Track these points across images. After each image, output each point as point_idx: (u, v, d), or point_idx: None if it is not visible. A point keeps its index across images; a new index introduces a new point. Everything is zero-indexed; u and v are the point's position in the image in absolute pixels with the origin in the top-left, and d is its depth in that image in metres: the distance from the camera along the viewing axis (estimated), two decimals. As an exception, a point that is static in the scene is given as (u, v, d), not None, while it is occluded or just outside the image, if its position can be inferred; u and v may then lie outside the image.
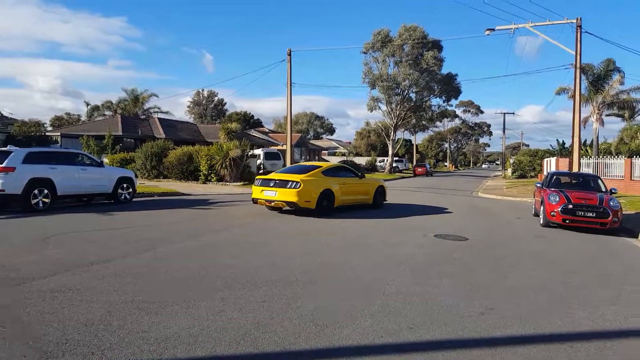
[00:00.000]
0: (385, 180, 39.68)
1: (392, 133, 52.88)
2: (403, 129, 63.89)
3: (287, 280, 6.16)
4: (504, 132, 70.59)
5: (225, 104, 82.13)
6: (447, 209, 16.76)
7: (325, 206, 12.83)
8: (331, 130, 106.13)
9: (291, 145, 27.06)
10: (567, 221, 12.04)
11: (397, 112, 50.97)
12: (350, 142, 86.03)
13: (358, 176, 14.78)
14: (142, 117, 44.33)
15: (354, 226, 11.34)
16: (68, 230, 9.54)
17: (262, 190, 12.66)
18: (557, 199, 12.34)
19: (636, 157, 25.10)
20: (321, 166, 13.95)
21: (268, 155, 33.41)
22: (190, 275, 6.25)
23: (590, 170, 26.53)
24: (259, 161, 30.87)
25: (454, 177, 55.28)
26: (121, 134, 34.49)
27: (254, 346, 4.09)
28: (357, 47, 51.54)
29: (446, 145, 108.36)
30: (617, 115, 36.01)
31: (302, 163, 15.62)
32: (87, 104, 53.08)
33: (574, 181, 14.72)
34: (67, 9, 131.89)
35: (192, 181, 24.81)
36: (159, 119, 41.90)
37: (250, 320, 4.67)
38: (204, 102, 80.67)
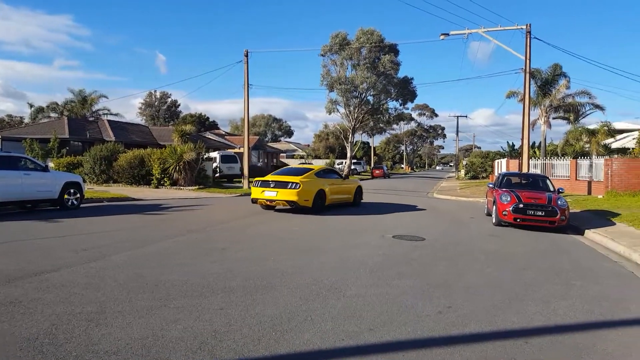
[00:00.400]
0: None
1: (350, 136, 53.36)
2: (361, 132, 64.67)
3: (245, 286, 6.05)
4: (457, 134, 72.50)
5: (179, 105, 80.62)
6: (416, 206, 17.02)
7: (320, 205, 14.32)
8: (289, 133, 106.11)
9: (249, 148, 26.79)
10: (518, 220, 12.48)
11: (355, 115, 51.48)
12: (308, 145, 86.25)
13: (342, 177, 16.18)
14: (91, 119, 42.71)
15: (320, 224, 11.33)
16: (9, 239, 9.02)
17: (263, 190, 13.99)
18: (509, 199, 12.77)
19: (581, 158, 26.35)
20: (313, 169, 15.21)
21: (225, 158, 32.90)
22: (143, 283, 6.03)
23: (538, 171, 27.67)
24: (215, 164, 30.33)
25: (410, 178, 56.38)
26: (68, 137, 33.11)
27: (212, 355, 3.97)
28: (316, 49, 51.77)
29: (403, 147, 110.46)
30: (563, 118, 37.73)
31: (295, 166, 16.93)
32: (31, 106, 50.57)
33: (523, 181, 15.29)
34: (6, 4, 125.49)
35: (144, 186, 24.10)
36: (109, 121, 40.54)
37: (208, 329, 4.54)
38: (156, 103, 78.77)
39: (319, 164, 58.96)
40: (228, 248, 8.57)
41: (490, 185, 15.59)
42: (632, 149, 27.09)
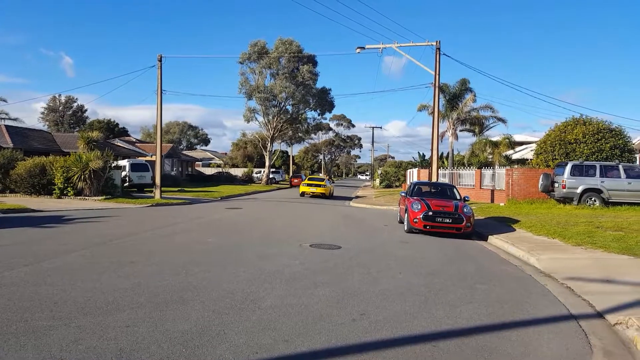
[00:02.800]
0: (262, 191, 39.86)
1: (269, 144, 53.26)
2: (280, 141, 64.74)
3: (155, 301, 5.77)
4: (372, 145, 75.46)
5: (86, 110, 75.81)
6: (334, 214, 17.23)
7: (331, 194, 30.80)
8: (206, 141, 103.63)
9: (161, 156, 25.77)
10: (428, 227, 13.12)
11: (274, 124, 51.50)
12: (226, 153, 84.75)
13: (330, 181, 26.77)
14: (-16, 123, 38.88)
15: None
16: None
17: (309, 186, 29.55)
18: (419, 207, 13.39)
19: (485, 168, 28.32)
20: (324, 178, 30.53)
21: (135, 167, 31.29)
22: (41, 301, 5.55)
23: (447, 180, 29.30)
24: (124, 173, 28.74)
25: (328, 187, 57.32)
26: (-45, 142, 29.86)
27: (116, 377, 3.73)
28: (234, 56, 51.33)
29: (321, 156, 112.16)
30: (469, 131, 40.28)
31: (317, 176, 28.43)
32: None
33: (433, 190, 16.13)
34: None
35: (45, 196, 22.33)
36: (7, 126, 37.12)
37: (112, 348, 4.27)
38: (61, 108, 73.53)
39: (236, 172, 58.32)
40: (137, 261, 8.15)
41: (403, 194, 16.27)
42: (530, 159, 29.48)
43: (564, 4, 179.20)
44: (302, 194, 30.17)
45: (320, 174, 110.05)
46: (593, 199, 18.92)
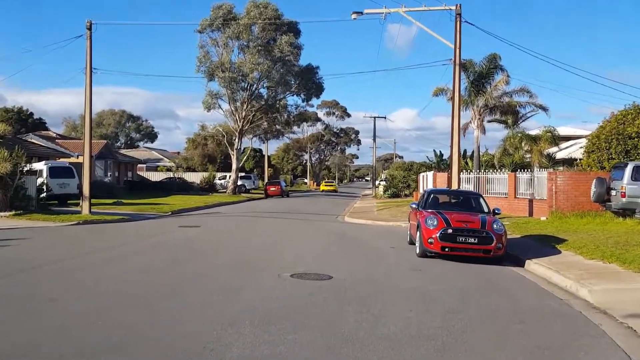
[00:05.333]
0: (228, 203, 39.80)
1: (236, 140, 53.15)
2: (252, 135, 64.76)
3: (72, 353, 5.71)
4: (374, 140, 74.75)
5: (-10, 96, 75.30)
6: (323, 234, 17.23)
7: (337, 189, 78.65)
8: (152, 136, 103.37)
9: (91, 157, 25.60)
10: (447, 249, 13.17)
11: (244, 113, 51.51)
12: (179, 153, 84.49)
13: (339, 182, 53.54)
14: None
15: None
16: None
17: (326, 186, 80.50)
18: (435, 223, 13.44)
19: (521, 170, 28.48)
20: (335, 180, 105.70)
21: (55, 171, 30.70)
22: None
23: (471, 187, 29.47)
24: (41, 180, 28.13)
25: (316, 197, 57.38)
26: None
27: None
28: (191, 24, 51.29)
29: (306, 156, 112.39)
30: (500, 122, 40.56)
31: (328, 181, 38.45)
32: None
33: (453, 200, 16.22)
34: None
35: None
36: None
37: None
38: (-44, 92, 72.87)
39: (193, 178, 58.18)
40: (58, 299, 8.08)
41: (414, 206, 16.30)
42: (579, 159, 29.62)
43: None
44: (323, 191, 62.72)
45: (306, 180, 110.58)
46: (663, 211, 19.10)
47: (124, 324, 6.84)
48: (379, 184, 60.20)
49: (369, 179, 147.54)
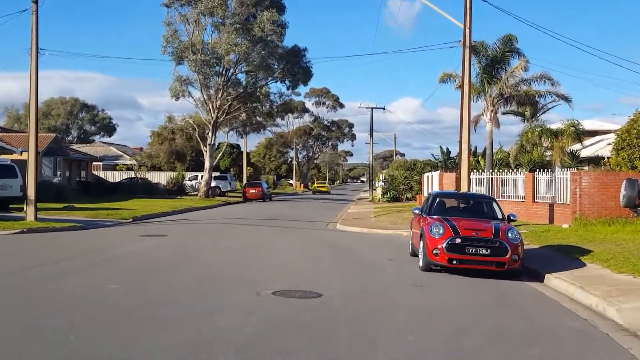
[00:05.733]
0: (200, 208, 39.74)
1: (210, 134, 52.93)
2: (228, 129, 64.48)
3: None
4: (371, 135, 74.54)
5: None
6: (311, 244, 17.25)
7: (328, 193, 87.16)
8: (110, 129, 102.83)
9: (37, 154, 25.44)
10: (455, 262, 13.23)
11: (219, 103, 51.34)
12: (142, 149, 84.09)
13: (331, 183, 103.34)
14: None
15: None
16: None
17: (318, 186, 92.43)
18: (442, 231, 13.51)
19: (540, 170, 28.57)
20: (325, 181, 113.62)
21: (-8, 172, 30.46)
22: None
23: (482, 190, 29.58)
24: (-26, 181, 27.92)
25: (303, 200, 57.37)
26: None
27: None
28: (156, -3, 50.76)
29: (292, 153, 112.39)
30: (517, 114, 40.74)
31: (320, 181, 77.46)
32: None
33: (462, 205, 16.31)
34: None
35: None
36: None
37: None
38: None
39: (159, 179, 57.97)
40: None
41: (417, 211, 16.40)
42: (608, 158, 29.70)
43: None
44: (314, 192, 72.60)
45: (291, 181, 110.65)
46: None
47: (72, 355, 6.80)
48: (378, 185, 60.36)
49: (365, 179, 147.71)
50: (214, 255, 16.08)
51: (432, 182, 38.60)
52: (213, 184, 55.40)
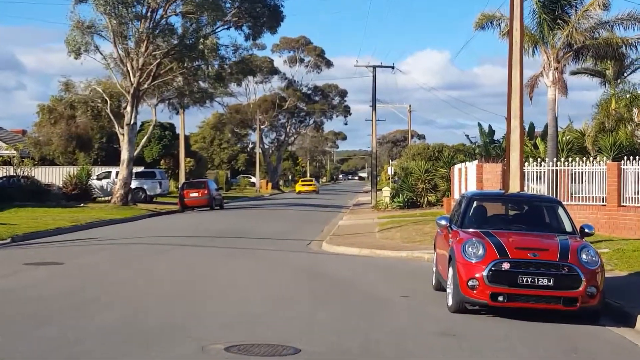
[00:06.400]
0: (114, 221, 39.53)
1: (129, 110, 52.81)
2: (156, 101, 63.90)
3: None
4: (374, 107, 73.88)
5: None
6: (284, 272, 17.26)
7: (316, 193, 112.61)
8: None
9: None
10: (501, 298, 13.15)
11: (141, 61, 51.18)
12: (25, 132, 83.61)
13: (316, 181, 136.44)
14: None
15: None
16: None
17: (303, 186, 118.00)
18: (481, 252, 13.44)
19: (629, 159, 28.45)
20: (311, 179, 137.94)
21: None
22: None
23: (543, 189, 29.56)
24: None
25: (271, 208, 57.39)
26: None
27: None
28: None
29: (254, 136, 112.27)
30: (593, 74, 40.69)
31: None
32: None
33: (512, 212, 16.31)
34: None
35: None
36: None
37: None
38: None
39: (51, 177, 57.75)
40: None
41: (444, 223, 16.29)
42: None
43: None
44: (299, 192, 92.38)
45: (254, 179, 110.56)
46: None
47: None
48: (388, 182, 60.34)
49: (364, 175, 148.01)
50: (137, 294, 15.92)
51: (467, 178, 38.59)
52: (134, 184, 55.34)
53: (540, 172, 30.79)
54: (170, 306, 14.39)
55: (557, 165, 30.64)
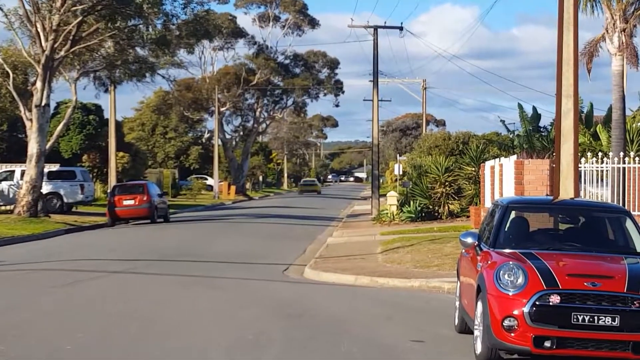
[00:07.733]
0: (13, 239, 39.50)
1: (39, 85, 52.71)
2: (77, 74, 63.86)
3: None
4: (375, 82, 74.04)
5: None
6: (253, 309, 17.26)
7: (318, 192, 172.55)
8: None
9: None
10: (549, 343, 13.13)
11: (57, 19, 51.20)
12: None
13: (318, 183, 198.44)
14: None
15: None
16: None
17: (306, 186, 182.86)
18: (521, 280, 13.41)
19: None
20: (316, 179, 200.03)
21: None
22: None
23: (606, 194, 29.72)
24: None
25: (235, 221, 57.65)
26: None
27: None
28: None
29: (212, 122, 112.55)
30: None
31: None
32: None
33: (563, 226, 16.30)
34: None
35: None
36: None
37: None
38: None
39: None
40: None
41: (470, 240, 16.30)
42: None
43: None
44: (301, 192, 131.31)
45: (211, 180, 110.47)
46: None
47: None
48: (394, 184, 60.44)
49: (362, 175, 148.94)
50: (46, 343, 15.80)
51: (502, 180, 38.71)
52: (47, 188, 55.47)
53: (604, 170, 30.87)
54: None
55: (625, 162, 30.78)
